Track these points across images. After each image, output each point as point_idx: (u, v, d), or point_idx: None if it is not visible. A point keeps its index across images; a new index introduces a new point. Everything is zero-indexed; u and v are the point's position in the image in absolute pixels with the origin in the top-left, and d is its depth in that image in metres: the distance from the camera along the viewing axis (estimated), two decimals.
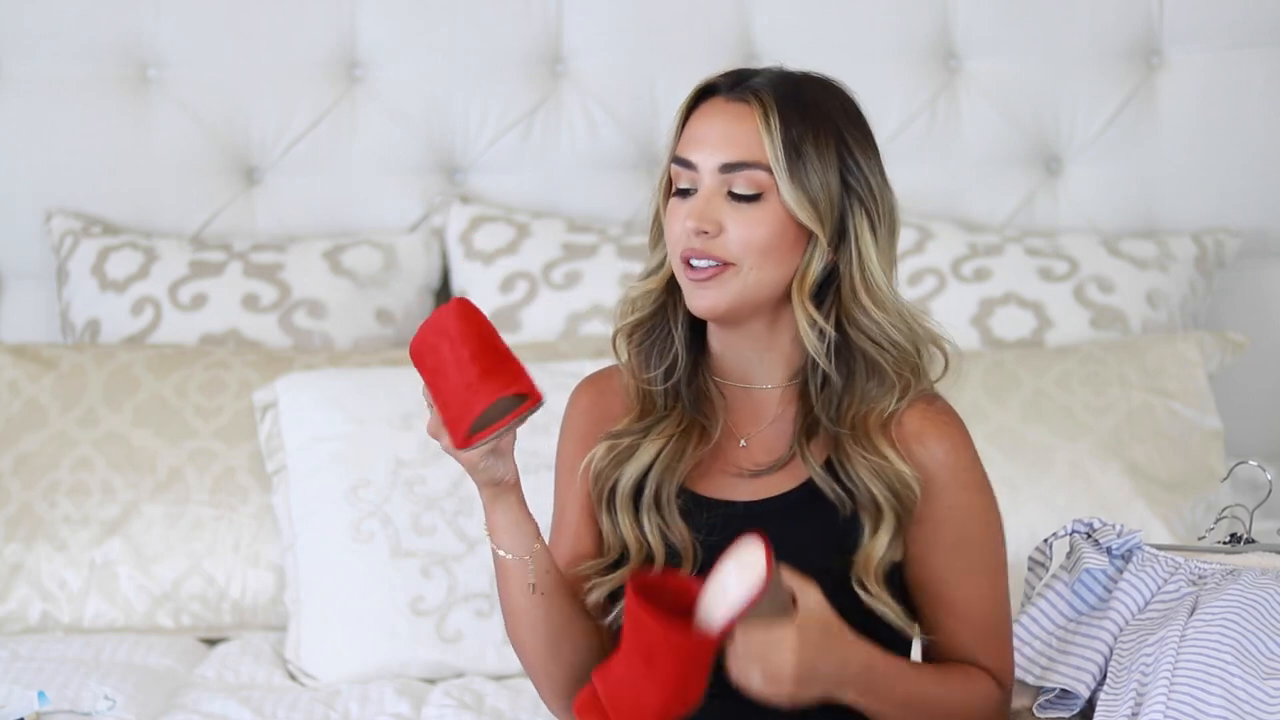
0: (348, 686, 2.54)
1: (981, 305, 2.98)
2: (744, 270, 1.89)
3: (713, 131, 1.90)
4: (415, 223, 3.15)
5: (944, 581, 1.93)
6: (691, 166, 1.91)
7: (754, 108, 1.89)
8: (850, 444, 1.91)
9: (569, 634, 1.95)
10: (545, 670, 1.97)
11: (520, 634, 1.95)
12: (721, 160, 1.89)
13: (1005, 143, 3.14)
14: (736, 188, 1.89)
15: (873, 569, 1.90)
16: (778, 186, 1.88)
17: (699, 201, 1.89)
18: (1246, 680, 1.83)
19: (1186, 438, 2.82)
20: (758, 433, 1.98)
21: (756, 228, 1.88)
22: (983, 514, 1.95)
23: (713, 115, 1.91)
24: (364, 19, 3.12)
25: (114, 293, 3.01)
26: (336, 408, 2.71)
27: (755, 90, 1.90)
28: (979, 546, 1.94)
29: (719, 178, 1.89)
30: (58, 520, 2.73)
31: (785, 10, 3.11)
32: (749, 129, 1.89)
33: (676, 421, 1.97)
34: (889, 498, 1.90)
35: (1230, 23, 3.13)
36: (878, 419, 1.92)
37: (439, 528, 2.63)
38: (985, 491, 1.96)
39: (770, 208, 1.89)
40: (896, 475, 1.90)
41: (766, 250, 1.89)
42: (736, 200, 1.89)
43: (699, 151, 1.90)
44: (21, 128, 3.11)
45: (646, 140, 3.11)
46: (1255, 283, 3.18)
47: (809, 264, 1.91)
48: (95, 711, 2.37)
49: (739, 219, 1.89)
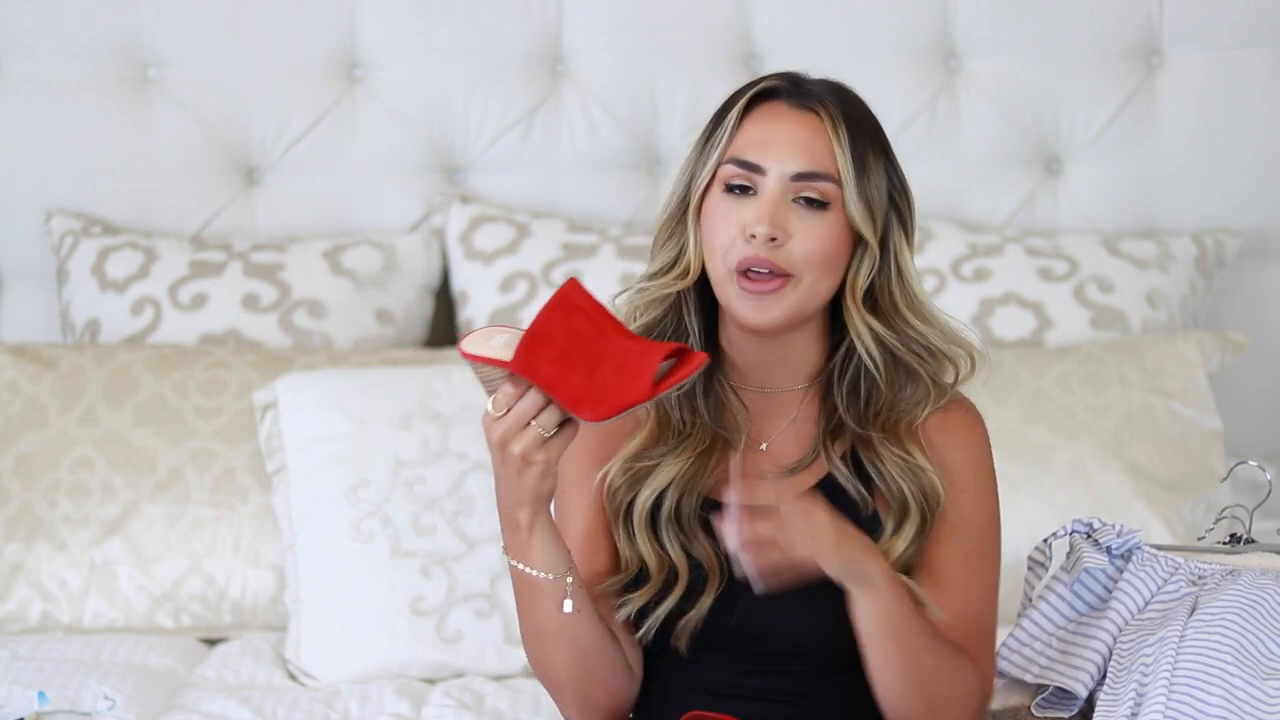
0: (348, 686, 2.54)
1: (981, 305, 2.98)
2: (803, 283, 1.89)
3: (781, 137, 1.90)
4: (415, 223, 3.15)
5: (942, 566, 1.93)
6: (758, 169, 1.90)
7: (823, 118, 1.90)
8: (881, 445, 1.93)
9: (600, 649, 1.93)
10: (577, 689, 1.94)
11: (551, 654, 1.92)
12: (796, 169, 1.89)
13: (1005, 143, 3.14)
14: (807, 195, 1.89)
15: (893, 564, 1.90)
16: (844, 198, 1.89)
17: (766, 206, 1.89)
18: (1246, 680, 1.83)
19: (1186, 438, 2.82)
20: (778, 435, 1.98)
21: (821, 240, 1.89)
22: (989, 507, 1.97)
23: (779, 121, 1.91)
24: (364, 19, 3.12)
25: (114, 293, 3.01)
26: (336, 408, 2.71)
27: (821, 99, 1.91)
28: (979, 535, 1.96)
29: (789, 185, 1.89)
30: (58, 520, 2.73)
31: (785, 10, 3.11)
32: (821, 139, 1.90)
33: (699, 439, 1.96)
34: (919, 498, 1.92)
35: (1230, 23, 3.13)
36: (910, 422, 1.93)
37: (439, 528, 2.63)
38: (994, 487, 1.98)
39: (834, 218, 1.90)
40: (927, 478, 1.92)
41: (825, 261, 1.90)
42: (804, 208, 1.89)
43: (768, 156, 1.90)
44: (21, 128, 3.11)
45: (646, 140, 3.11)
46: (1255, 283, 3.18)
47: (858, 273, 1.92)
48: (95, 711, 2.37)
49: (805, 228, 1.89)
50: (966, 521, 1.95)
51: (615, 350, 1.79)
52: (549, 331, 1.79)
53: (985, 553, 1.96)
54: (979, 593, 1.95)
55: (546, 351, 1.79)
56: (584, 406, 1.78)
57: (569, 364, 1.79)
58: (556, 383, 1.79)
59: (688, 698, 1.96)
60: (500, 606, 2.60)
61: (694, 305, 1.96)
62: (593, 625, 1.91)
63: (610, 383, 1.77)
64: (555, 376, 1.79)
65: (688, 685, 1.96)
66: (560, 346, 1.79)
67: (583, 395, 1.78)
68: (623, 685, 1.96)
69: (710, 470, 1.95)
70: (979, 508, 1.96)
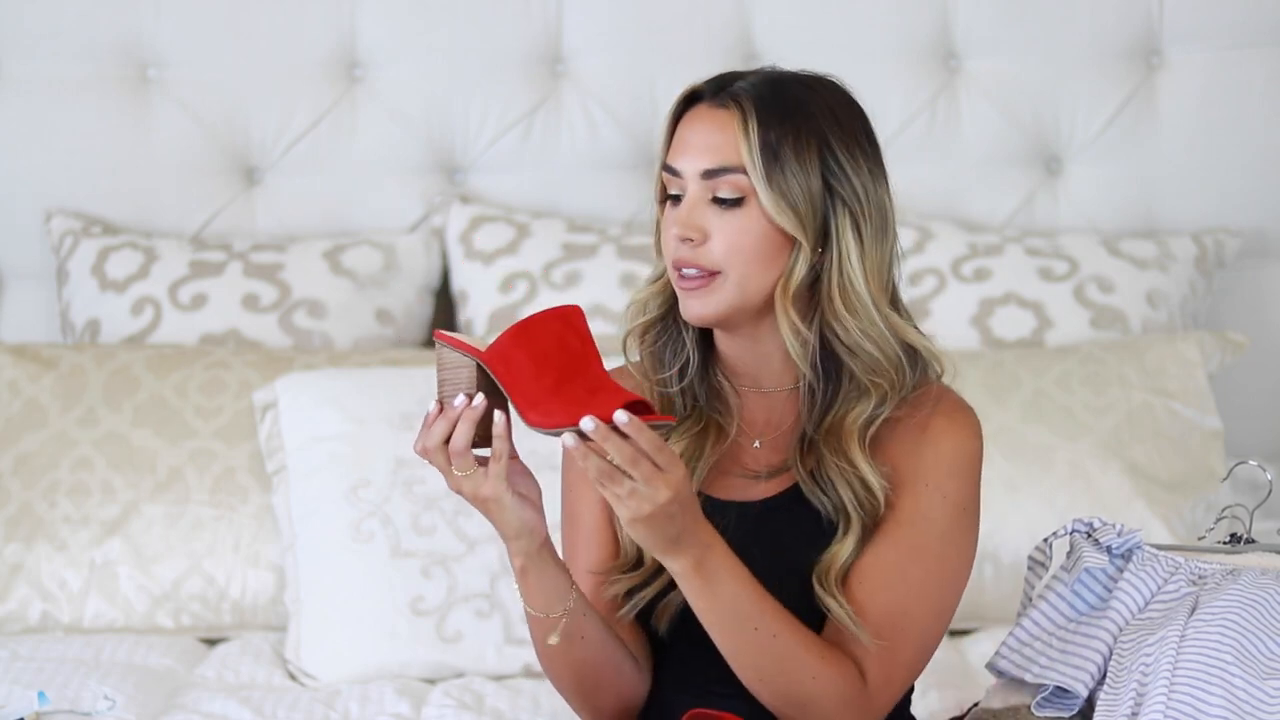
0: (348, 686, 2.54)
1: (981, 305, 2.98)
2: (730, 278, 1.89)
3: (696, 138, 1.91)
4: (415, 223, 3.15)
5: (875, 556, 1.89)
6: (677, 173, 1.92)
7: (733, 112, 1.89)
8: (825, 451, 1.91)
9: (605, 662, 1.94)
10: (585, 699, 1.96)
11: (557, 668, 1.94)
12: (703, 166, 1.89)
13: (1005, 143, 3.15)
14: (720, 193, 1.89)
15: (834, 571, 1.89)
16: (755, 191, 1.88)
17: (683, 209, 1.90)
18: (1246, 680, 1.83)
19: (1186, 438, 2.82)
20: (773, 435, 1.98)
21: (740, 235, 1.89)
22: (952, 509, 1.91)
23: (696, 122, 1.92)
24: (364, 19, 3.12)
25: (114, 293, 3.01)
26: (336, 408, 2.71)
27: (735, 95, 1.90)
28: (929, 531, 1.90)
29: (702, 184, 1.90)
30: (58, 520, 2.73)
31: (785, 10, 3.11)
32: (729, 134, 1.89)
33: (695, 421, 1.97)
34: (855, 505, 1.90)
35: (1230, 23, 3.13)
36: (850, 425, 1.91)
37: (439, 528, 2.63)
38: (968, 493, 1.93)
39: (753, 213, 1.89)
40: (863, 483, 1.89)
41: (751, 256, 1.89)
42: (720, 206, 1.89)
43: (683, 158, 1.91)
44: (21, 128, 3.11)
45: (646, 140, 3.11)
46: (1255, 283, 3.18)
47: (793, 270, 1.90)
48: (95, 711, 2.37)
49: (722, 225, 1.89)
50: (919, 516, 1.90)
51: (595, 375, 1.80)
52: (539, 331, 1.80)
53: (934, 552, 1.90)
54: (912, 589, 1.89)
55: (530, 346, 1.80)
56: (538, 410, 1.78)
57: (546, 365, 1.79)
58: (524, 378, 1.79)
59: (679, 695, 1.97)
60: (500, 606, 2.60)
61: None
62: (596, 642, 1.92)
63: (579, 398, 1.77)
64: (527, 371, 1.79)
65: (679, 681, 1.98)
66: (544, 348, 1.80)
67: (542, 399, 1.78)
68: (631, 686, 1.98)
69: (705, 456, 1.96)
70: (938, 506, 1.90)
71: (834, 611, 1.88)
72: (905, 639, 1.90)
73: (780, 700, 1.87)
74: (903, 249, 1.97)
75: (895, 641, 1.89)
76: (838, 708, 1.87)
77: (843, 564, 1.89)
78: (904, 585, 1.89)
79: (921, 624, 1.90)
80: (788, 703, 1.87)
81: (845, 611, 1.87)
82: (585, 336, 1.82)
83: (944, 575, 1.91)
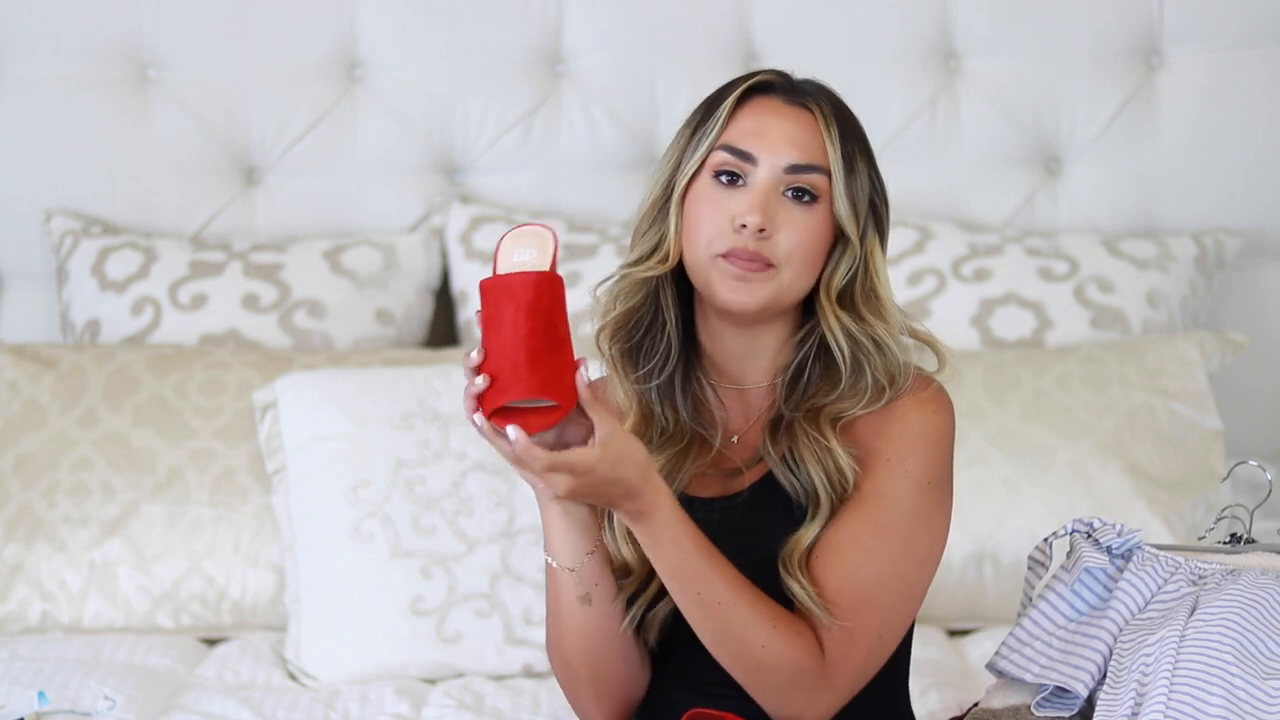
0: (348, 687, 2.54)
1: (981, 305, 2.98)
2: (784, 274, 1.91)
3: (776, 130, 1.92)
4: (415, 223, 3.15)
5: (839, 529, 1.89)
6: (750, 159, 1.92)
7: (815, 115, 1.93)
8: (799, 429, 1.92)
9: (615, 638, 1.94)
10: (592, 673, 1.95)
11: (565, 638, 1.94)
12: (789, 160, 1.91)
13: (1005, 143, 3.15)
14: (799, 186, 1.91)
15: (798, 553, 1.89)
16: (832, 193, 1.91)
17: (758, 197, 1.90)
18: (1246, 680, 1.83)
19: (1186, 438, 2.82)
20: (749, 429, 2.00)
21: (807, 233, 1.91)
22: (917, 484, 1.91)
23: (772, 114, 1.93)
24: (364, 19, 3.12)
25: (114, 293, 3.01)
26: (336, 408, 2.71)
27: (815, 97, 1.94)
28: (894, 507, 1.89)
29: (781, 177, 1.91)
30: (57, 520, 2.73)
31: (785, 10, 3.12)
32: (813, 134, 1.92)
33: (679, 438, 1.98)
34: (826, 485, 1.90)
35: (1230, 23, 3.13)
36: (832, 413, 1.92)
37: (439, 528, 2.63)
38: (937, 469, 1.92)
39: (821, 213, 1.92)
40: (835, 464, 1.90)
41: (809, 255, 1.92)
42: (794, 201, 1.91)
43: (761, 147, 1.92)
44: (21, 128, 3.11)
45: (646, 140, 3.11)
46: (1255, 283, 3.18)
47: (835, 269, 1.94)
48: (95, 711, 2.37)
49: (793, 221, 1.91)
50: (883, 492, 1.89)
51: (569, 350, 1.80)
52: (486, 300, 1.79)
53: (899, 528, 1.88)
54: (875, 564, 1.87)
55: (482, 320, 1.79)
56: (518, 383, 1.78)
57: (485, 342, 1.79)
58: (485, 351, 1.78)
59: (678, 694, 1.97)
60: (500, 606, 2.60)
61: (672, 294, 1.97)
62: (613, 619, 1.93)
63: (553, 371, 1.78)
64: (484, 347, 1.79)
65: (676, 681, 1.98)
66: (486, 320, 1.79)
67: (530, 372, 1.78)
68: (636, 672, 1.98)
69: (687, 466, 1.97)
70: (901, 481, 1.89)
71: (796, 594, 1.87)
72: (867, 615, 1.88)
73: (734, 662, 1.87)
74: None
75: (857, 618, 1.87)
76: (790, 679, 1.86)
77: (806, 546, 1.89)
78: (865, 561, 1.88)
79: (885, 602, 1.89)
80: (742, 666, 1.87)
81: (807, 593, 1.87)
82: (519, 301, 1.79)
83: (911, 552, 1.90)
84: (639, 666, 1.98)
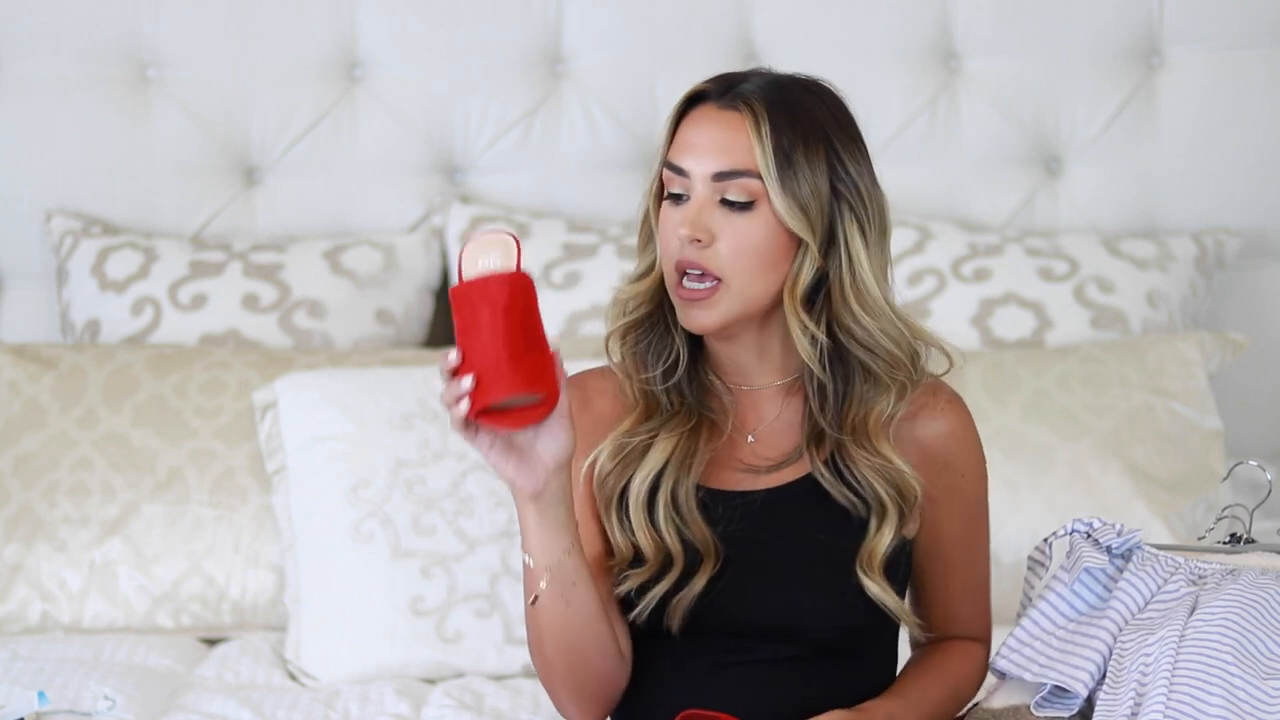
0: (348, 687, 2.54)
1: (981, 305, 2.98)
2: (733, 287, 1.91)
3: (704, 138, 1.91)
4: (415, 223, 3.15)
5: (957, 545, 2.03)
6: (683, 173, 1.92)
7: (745, 115, 1.90)
8: (853, 448, 1.95)
9: (592, 634, 1.93)
10: (569, 671, 1.95)
11: (543, 634, 1.93)
12: (714, 168, 1.90)
13: (1005, 143, 3.14)
14: (729, 195, 1.90)
15: (877, 562, 1.94)
16: (768, 195, 1.89)
17: (691, 209, 1.91)
18: (1246, 680, 1.83)
19: (1186, 438, 2.82)
20: (764, 428, 2.00)
21: (748, 237, 1.90)
22: (985, 476, 2.05)
23: (704, 122, 1.92)
24: (364, 19, 3.12)
25: (114, 293, 3.01)
26: (336, 408, 2.71)
27: (746, 97, 1.91)
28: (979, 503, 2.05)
29: (711, 185, 1.91)
30: (57, 520, 2.73)
31: (785, 10, 3.11)
32: (740, 137, 1.90)
33: (686, 418, 1.98)
34: (893, 495, 1.95)
35: (1230, 23, 3.13)
36: (876, 421, 1.94)
37: (439, 528, 2.63)
38: (983, 456, 2.05)
39: (762, 216, 1.90)
40: (898, 474, 1.94)
41: (757, 261, 1.91)
42: (728, 209, 1.90)
43: (691, 158, 1.91)
44: (21, 128, 3.11)
45: (646, 140, 3.11)
46: (1255, 283, 3.18)
47: (799, 271, 1.92)
48: (95, 711, 2.37)
49: (731, 228, 1.90)
50: (973, 499, 2.03)
51: (546, 345, 1.81)
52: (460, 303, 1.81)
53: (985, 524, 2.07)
54: (983, 562, 2.07)
55: (458, 322, 1.81)
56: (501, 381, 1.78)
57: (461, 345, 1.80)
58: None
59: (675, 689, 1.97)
60: (500, 606, 2.60)
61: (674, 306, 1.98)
62: (586, 618, 1.92)
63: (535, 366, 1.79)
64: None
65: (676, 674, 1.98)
66: (462, 325, 1.80)
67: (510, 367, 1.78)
68: (614, 669, 1.97)
69: (700, 452, 1.97)
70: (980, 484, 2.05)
71: (877, 596, 1.95)
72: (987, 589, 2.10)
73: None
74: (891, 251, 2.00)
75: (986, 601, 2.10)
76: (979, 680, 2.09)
77: (884, 552, 1.95)
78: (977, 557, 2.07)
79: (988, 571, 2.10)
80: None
81: (893, 600, 1.95)
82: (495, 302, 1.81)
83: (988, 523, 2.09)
84: (616, 660, 1.97)
